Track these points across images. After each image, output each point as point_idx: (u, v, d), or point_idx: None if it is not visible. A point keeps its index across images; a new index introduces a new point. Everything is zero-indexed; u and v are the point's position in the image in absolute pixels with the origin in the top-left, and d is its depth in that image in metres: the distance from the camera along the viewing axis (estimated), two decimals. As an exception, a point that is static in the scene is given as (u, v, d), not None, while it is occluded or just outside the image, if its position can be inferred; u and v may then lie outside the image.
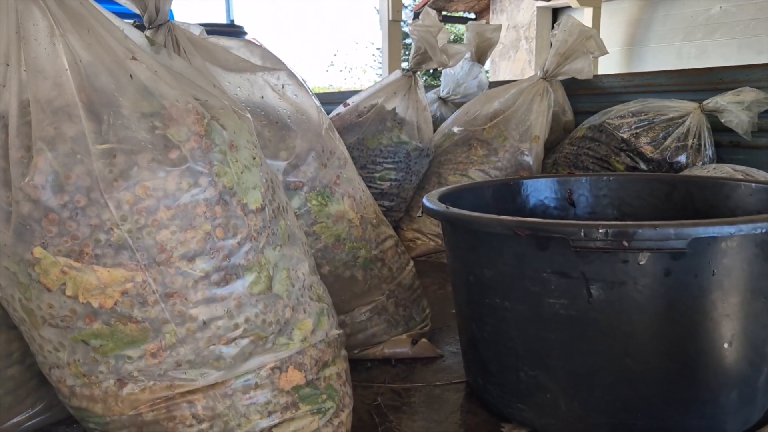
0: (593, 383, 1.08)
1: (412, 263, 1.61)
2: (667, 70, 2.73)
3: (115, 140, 0.87)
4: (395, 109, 2.41)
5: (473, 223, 1.12)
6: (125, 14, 1.20)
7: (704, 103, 2.22)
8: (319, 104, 1.42)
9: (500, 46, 6.87)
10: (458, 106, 2.92)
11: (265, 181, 1.02)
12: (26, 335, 0.98)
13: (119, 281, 0.89)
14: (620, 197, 1.62)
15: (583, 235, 0.96)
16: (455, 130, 2.61)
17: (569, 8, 6.22)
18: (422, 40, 2.36)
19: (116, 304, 0.90)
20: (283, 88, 1.34)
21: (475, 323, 1.23)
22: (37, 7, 0.89)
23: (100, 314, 0.90)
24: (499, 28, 3.01)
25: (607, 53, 2.62)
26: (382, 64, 5.69)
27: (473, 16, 7.52)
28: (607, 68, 5.73)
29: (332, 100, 3.02)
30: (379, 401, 1.29)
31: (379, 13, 5.56)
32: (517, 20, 7.15)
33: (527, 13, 7.00)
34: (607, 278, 1.00)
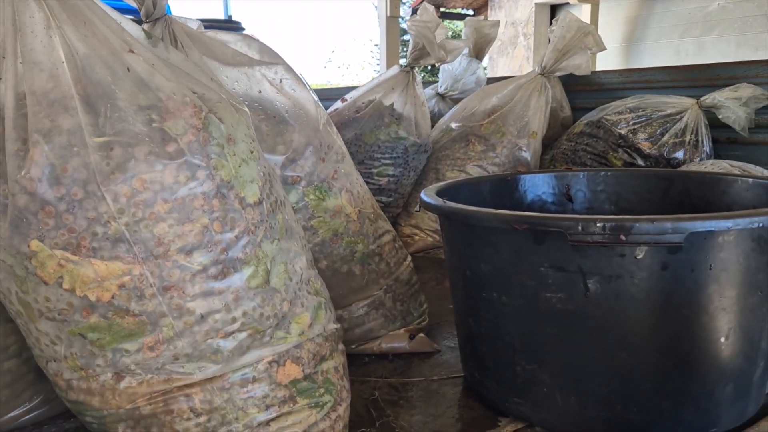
0: (589, 377, 1.08)
1: (409, 258, 1.61)
2: (664, 66, 2.72)
3: (112, 133, 0.87)
4: (393, 104, 2.41)
5: (470, 217, 1.12)
6: (123, 9, 1.20)
7: (702, 99, 2.23)
8: (317, 99, 1.42)
9: (498, 42, 6.86)
10: (456, 101, 2.91)
11: (262, 174, 1.02)
12: (23, 328, 0.98)
13: (116, 274, 0.89)
14: (617, 192, 1.62)
15: (580, 229, 0.96)
16: (453, 125, 2.60)
17: (567, 5, 6.22)
18: (420, 35, 2.36)
19: (113, 297, 0.90)
20: (281, 82, 1.34)
21: (472, 318, 1.23)
22: (33, -1, 0.88)
23: (97, 307, 0.90)
24: (497, 24, 3.00)
25: (605, 49, 2.61)
26: (380, 60, 5.68)
27: (471, 12, 7.51)
28: (604, 65, 5.73)
29: (330, 96, 3.02)
30: (376, 395, 1.29)
31: (377, 9, 5.56)
32: (515, 17, 7.14)
33: (525, 9, 7.00)
34: (604, 272, 1.00)
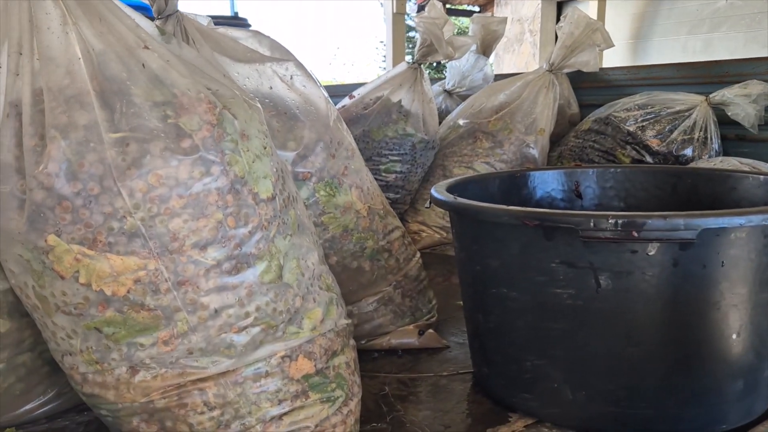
0: (598, 372, 1.09)
1: (418, 254, 1.61)
2: (673, 63, 2.72)
3: (127, 129, 0.88)
4: (401, 101, 2.41)
5: (481, 213, 1.12)
6: (134, 6, 1.20)
7: (711, 96, 2.22)
8: (327, 95, 1.42)
9: (504, 39, 6.83)
10: (463, 98, 2.92)
11: (275, 170, 1.03)
12: (39, 322, 0.99)
13: (132, 269, 0.89)
14: (626, 189, 1.62)
15: (592, 225, 0.97)
16: (461, 122, 2.61)
17: (574, 1, 6.20)
18: (428, 32, 2.36)
19: (129, 291, 0.90)
20: (291, 78, 1.34)
21: (481, 313, 1.24)
22: (49, -5, 0.89)
23: (112, 302, 0.91)
24: (504, 20, 3.00)
25: (613, 46, 2.61)
26: (386, 57, 5.68)
27: (477, 9, 7.49)
28: (611, 62, 5.70)
29: (336, 92, 3.02)
30: (386, 391, 1.30)
31: (383, 6, 5.55)
32: (521, 13, 7.12)
33: (531, 6, 6.97)
34: (615, 268, 1.00)
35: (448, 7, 7.42)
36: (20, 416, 1.15)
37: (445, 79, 3.16)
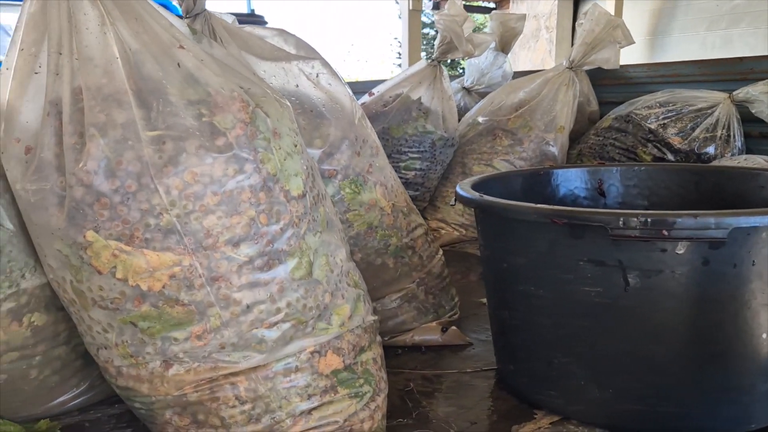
0: (625, 370, 1.09)
1: (441, 252, 1.62)
2: (695, 60, 2.70)
3: (164, 127, 0.90)
4: (420, 98, 2.42)
5: (508, 211, 1.13)
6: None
7: (734, 93, 2.20)
8: (351, 93, 1.43)
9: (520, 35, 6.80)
10: (482, 96, 2.91)
11: (305, 168, 1.04)
12: (75, 316, 1.01)
13: (167, 265, 0.91)
14: (649, 187, 1.61)
15: (621, 223, 0.97)
16: (480, 119, 2.61)
17: (591, -3, 6.15)
18: (448, 29, 2.36)
19: (164, 287, 0.92)
20: (317, 77, 1.36)
21: (506, 310, 1.24)
22: (87, -4, 0.91)
23: (148, 297, 0.93)
24: (523, 17, 2.99)
25: (633, 43, 2.60)
26: (401, 53, 5.67)
27: (493, 5, 7.45)
28: (628, 58, 5.64)
29: (354, 90, 3.03)
30: (411, 387, 1.31)
31: (399, 3, 5.54)
32: (537, 10, 7.07)
33: (548, 2, 6.92)
34: (644, 267, 1.00)
35: (464, 3, 7.40)
36: (54, 408, 1.17)
37: (461, 76, 3.16)
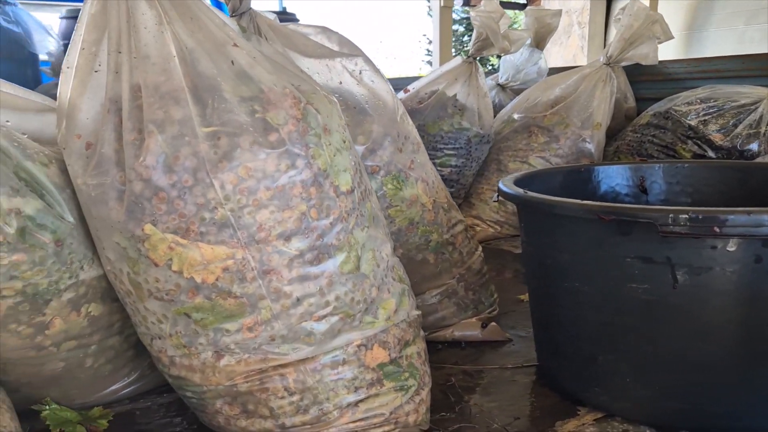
0: (672, 368, 1.08)
1: (480, 248, 1.62)
2: (737, 54, 2.64)
3: (218, 123, 0.92)
4: (456, 95, 2.41)
5: (555, 207, 1.13)
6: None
7: (779, 89, 2.16)
8: (393, 90, 1.44)
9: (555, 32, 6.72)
10: (517, 92, 2.90)
11: (354, 164, 1.05)
12: (130, 307, 1.04)
13: (221, 258, 0.93)
14: (692, 184, 1.59)
15: (671, 220, 0.96)
16: (515, 116, 2.59)
17: (625, -8, 6.04)
18: (484, 26, 2.35)
19: (217, 279, 0.94)
20: (360, 73, 1.37)
21: (550, 307, 1.24)
22: (145, -4, 0.93)
23: (202, 289, 0.95)
24: (559, 13, 2.97)
25: (672, 38, 2.56)
26: (431, 50, 5.67)
27: (524, 1, 7.39)
28: (663, 54, 5.55)
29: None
30: (452, 381, 1.32)
31: (429, 0, 5.53)
32: (569, 5, 6.99)
33: (580, -3, 6.83)
34: (694, 264, 0.99)
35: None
36: (106, 396, 1.21)
37: (491, 72, 3.15)
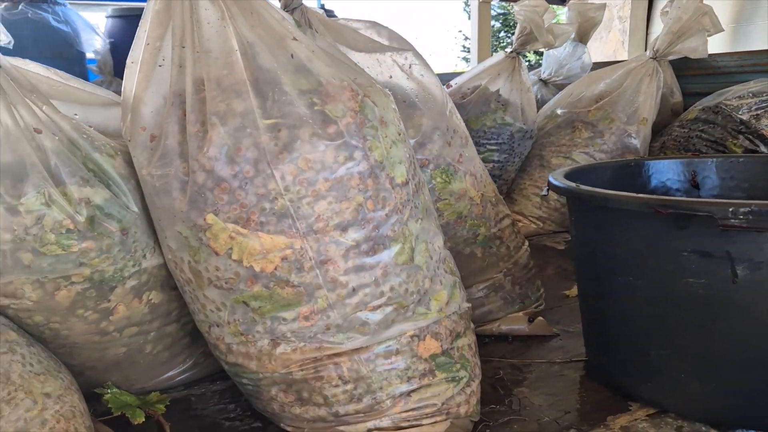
0: (730, 365, 1.06)
1: (527, 243, 1.62)
2: (790, 47, 2.56)
3: (278, 115, 0.94)
4: (499, 90, 2.40)
5: (609, 200, 1.12)
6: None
7: (836, 82, 2.09)
8: (442, 84, 1.44)
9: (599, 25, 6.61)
10: (559, 87, 2.87)
11: (408, 156, 1.06)
12: (189, 295, 1.07)
13: (280, 247, 0.95)
14: (747, 179, 1.55)
15: (731, 213, 0.94)
16: (558, 111, 2.57)
17: (668, -15, 5.91)
18: (528, 20, 2.33)
19: (276, 268, 0.97)
20: (410, 67, 1.37)
21: (601, 301, 1.23)
22: (208, -8, 0.96)
23: (260, 278, 0.97)
24: (602, 6, 2.92)
25: (722, 30, 2.50)
26: (469, 47, 5.64)
27: (564, -5, 7.30)
28: (709, 48, 5.41)
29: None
30: (500, 375, 1.32)
31: (468, -5, 5.50)
32: (610, -1, 6.86)
33: (621, -9, 6.70)
34: (755, 258, 0.97)
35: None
36: (163, 382, 1.24)
37: (533, 68, 3.12)
